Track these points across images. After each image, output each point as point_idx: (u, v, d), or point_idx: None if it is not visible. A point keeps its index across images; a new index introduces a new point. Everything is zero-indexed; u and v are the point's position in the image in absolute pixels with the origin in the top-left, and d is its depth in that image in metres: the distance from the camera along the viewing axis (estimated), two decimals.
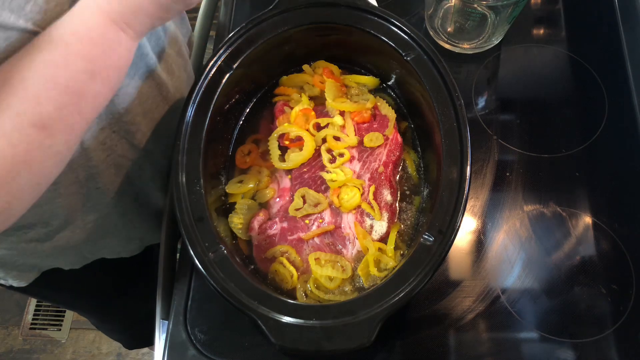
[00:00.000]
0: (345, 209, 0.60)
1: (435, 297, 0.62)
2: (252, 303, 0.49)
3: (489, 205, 0.67)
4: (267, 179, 0.63)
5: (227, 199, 0.63)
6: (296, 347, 0.47)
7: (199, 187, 0.54)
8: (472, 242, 0.65)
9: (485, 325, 0.61)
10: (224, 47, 0.59)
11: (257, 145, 0.66)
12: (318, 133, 0.63)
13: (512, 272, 0.63)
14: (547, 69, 0.76)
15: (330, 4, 0.61)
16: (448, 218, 0.51)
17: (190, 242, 0.51)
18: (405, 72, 0.61)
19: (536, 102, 0.74)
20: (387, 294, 0.49)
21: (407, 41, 0.59)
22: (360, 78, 0.68)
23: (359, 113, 0.64)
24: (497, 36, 0.75)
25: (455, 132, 0.54)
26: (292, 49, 0.65)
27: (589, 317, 0.61)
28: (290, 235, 0.60)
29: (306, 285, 0.58)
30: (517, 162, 0.70)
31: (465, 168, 0.53)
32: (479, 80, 0.75)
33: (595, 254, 0.64)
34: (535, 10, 0.81)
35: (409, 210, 0.62)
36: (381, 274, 0.57)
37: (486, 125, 0.72)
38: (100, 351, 1.53)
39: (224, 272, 0.50)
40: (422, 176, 0.63)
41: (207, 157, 0.56)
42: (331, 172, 0.61)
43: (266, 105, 0.68)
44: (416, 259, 0.50)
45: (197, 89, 0.57)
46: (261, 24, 0.60)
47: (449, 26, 0.75)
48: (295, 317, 0.48)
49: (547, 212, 0.67)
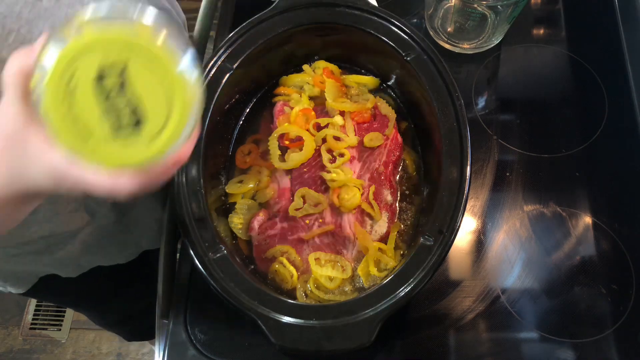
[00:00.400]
0: (345, 209, 0.59)
1: (435, 297, 0.62)
2: (252, 303, 0.49)
3: (489, 205, 0.67)
4: (267, 179, 0.63)
5: (227, 199, 0.63)
6: (296, 347, 0.47)
7: (199, 187, 0.54)
8: (472, 242, 0.65)
9: (485, 325, 0.61)
10: (224, 47, 0.59)
11: (257, 145, 0.66)
12: (318, 133, 0.63)
13: (512, 272, 0.63)
14: (547, 69, 0.76)
15: (330, 4, 0.61)
16: (448, 218, 0.51)
17: (190, 242, 0.51)
18: (405, 72, 0.61)
19: (536, 102, 0.74)
20: (387, 294, 0.49)
21: (407, 41, 0.59)
22: (360, 78, 0.68)
23: (359, 113, 0.64)
24: (497, 36, 0.75)
25: (455, 132, 0.54)
26: (292, 49, 0.65)
27: (589, 317, 0.61)
28: (290, 235, 0.60)
29: (306, 285, 0.58)
30: (517, 162, 0.70)
31: (465, 168, 0.53)
32: (479, 80, 0.75)
33: (595, 254, 0.64)
34: (535, 10, 0.81)
35: (409, 210, 0.62)
36: (381, 274, 0.57)
37: (486, 125, 0.72)
38: (100, 351, 1.53)
39: (224, 272, 0.50)
40: (422, 176, 0.63)
41: (207, 157, 0.57)
42: (331, 172, 0.61)
43: (266, 105, 0.68)
44: (416, 259, 0.50)
45: None
46: (261, 24, 0.60)
47: (449, 26, 0.75)
48: (295, 317, 0.48)
49: (547, 212, 0.67)
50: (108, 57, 0.32)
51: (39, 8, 0.46)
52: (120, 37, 0.32)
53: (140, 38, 0.32)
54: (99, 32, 0.32)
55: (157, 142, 0.34)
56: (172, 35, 0.33)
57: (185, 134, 0.34)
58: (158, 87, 0.33)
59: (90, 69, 0.32)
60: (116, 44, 0.32)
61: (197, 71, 0.35)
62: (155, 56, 0.32)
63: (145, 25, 0.32)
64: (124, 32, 0.32)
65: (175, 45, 0.33)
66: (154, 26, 0.33)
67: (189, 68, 0.34)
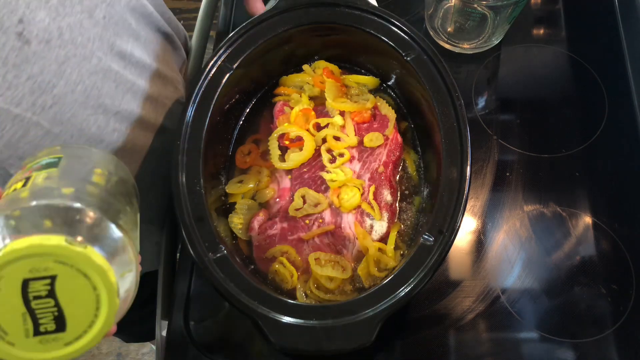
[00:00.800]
0: (345, 209, 0.59)
1: (435, 297, 0.62)
2: (252, 303, 0.49)
3: (489, 205, 0.67)
4: (267, 179, 0.63)
5: (227, 199, 0.63)
6: (296, 347, 0.47)
7: (199, 187, 0.54)
8: (472, 242, 0.65)
9: (485, 325, 0.61)
10: (224, 47, 0.59)
11: (257, 145, 0.66)
12: (318, 133, 0.63)
13: (512, 272, 0.64)
14: (547, 69, 0.76)
15: (330, 4, 0.61)
16: (448, 218, 0.51)
17: (190, 242, 0.51)
18: (405, 72, 0.61)
19: (536, 102, 0.74)
20: (387, 294, 0.49)
21: (407, 41, 0.59)
22: (360, 78, 0.68)
23: (359, 113, 0.64)
24: (497, 36, 0.75)
25: (455, 132, 0.54)
26: (292, 49, 0.65)
27: (589, 317, 0.61)
28: (290, 235, 0.60)
29: (306, 285, 0.58)
30: (517, 162, 0.70)
31: (465, 168, 0.53)
32: (479, 80, 0.75)
33: (595, 254, 0.64)
34: (535, 10, 0.81)
35: (409, 210, 0.62)
36: (381, 274, 0.57)
37: (486, 125, 0.72)
38: (100, 351, 1.53)
39: (224, 272, 0.50)
40: (422, 176, 0.63)
41: (207, 157, 0.56)
42: (331, 172, 0.61)
43: (266, 105, 0.68)
44: (416, 259, 0.50)
45: (197, 89, 0.57)
46: (261, 24, 0.60)
47: (449, 26, 0.75)
48: (295, 317, 0.48)
49: (547, 212, 0.67)
50: (37, 266, 0.32)
51: (26, 52, 0.44)
52: (53, 249, 0.32)
53: (71, 252, 0.33)
54: (32, 242, 0.32)
55: (75, 345, 0.34)
56: (108, 245, 0.35)
57: (105, 334, 0.35)
58: (86, 297, 0.34)
59: (17, 274, 0.32)
60: (48, 255, 0.32)
61: (130, 280, 0.37)
62: (84, 268, 0.33)
63: (79, 241, 0.33)
64: (57, 244, 0.32)
65: (111, 255, 0.35)
66: (88, 236, 0.34)
67: (121, 280, 0.35)
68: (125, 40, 0.56)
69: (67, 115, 0.50)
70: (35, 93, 0.46)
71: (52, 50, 0.46)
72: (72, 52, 0.48)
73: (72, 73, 0.49)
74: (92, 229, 0.35)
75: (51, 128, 0.49)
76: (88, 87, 0.51)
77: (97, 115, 0.53)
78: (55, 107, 0.48)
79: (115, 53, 0.55)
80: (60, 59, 0.47)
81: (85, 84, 0.51)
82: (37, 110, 0.47)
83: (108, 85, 0.54)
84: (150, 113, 0.62)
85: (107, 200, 0.38)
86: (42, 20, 0.45)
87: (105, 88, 0.53)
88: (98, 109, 0.53)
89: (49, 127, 0.49)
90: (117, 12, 0.55)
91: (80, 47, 0.49)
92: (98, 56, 0.52)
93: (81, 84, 0.50)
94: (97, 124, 0.54)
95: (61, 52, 0.47)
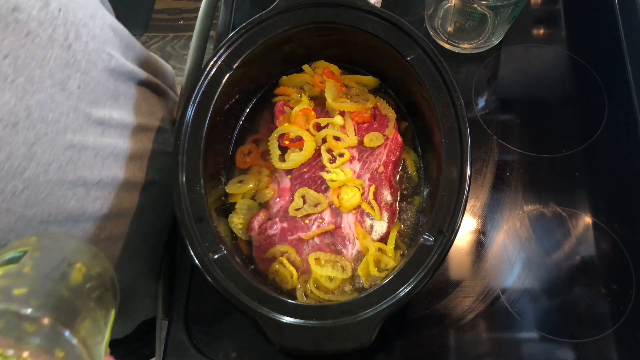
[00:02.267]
0: (345, 209, 0.59)
1: (435, 297, 0.62)
2: (252, 303, 0.49)
3: (489, 205, 0.67)
4: (267, 179, 0.63)
5: (227, 199, 0.63)
6: (296, 347, 0.47)
7: (199, 187, 0.54)
8: (472, 242, 0.65)
9: (485, 325, 0.61)
10: (224, 47, 0.59)
11: (257, 145, 0.66)
12: (318, 133, 0.63)
13: (512, 272, 0.64)
14: (547, 69, 0.76)
15: (331, 4, 0.61)
16: (448, 218, 0.51)
17: (190, 242, 0.51)
18: (405, 72, 0.61)
19: (536, 102, 0.74)
20: (387, 294, 0.49)
21: (407, 41, 0.59)
22: (360, 78, 0.68)
23: (359, 113, 0.64)
24: (497, 36, 0.75)
25: (455, 132, 0.54)
26: (292, 49, 0.65)
27: (589, 317, 0.61)
28: (290, 235, 0.60)
29: (306, 285, 0.58)
30: (517, 162, 0.70)
31: (465, 168, 0.53)
32: (479, 80, 0.75)
33: (595, 254, 0.64)
34: (535, 10, 0.81)
35: (409, 210, 0.62)
36: (381, 274, 0.57)
37: (486, 125, 0.72)
38: None
39: (224, 272, 0.50)
40: (422, 176, 0.63)
41: (207, 157, 0.56)
42: (331, 172, 0.61)
43: (266, 105, 0.68)
44: (416, 259, 0.50)
45: (197, 89, 0.57)
46: (261, 24, 0.60)
47: (449, 26, 0.75)
48: (295, 317, 0.48)
49: (547, 212, 0.67)
50: None
51: None
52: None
53: None
54: None
55: None
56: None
57: None
58: None
59: None
60: None
61: None
62: None
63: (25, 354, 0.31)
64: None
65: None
66: (39, 342, 0.31)
67: None
68: (102, 105, 0.52)
69: (42, 196, 0.45)
70: (4, 180, 0.41)
71: (19, 133, 0.41)
72: (42, 131, 0.44)
73: (44, 153, 0.44)
74: (42, 335, 0.32)
75: (24, 212, 0.44)
76: (63, 164, 0.46)
77: (75, 189, 0.49)
78: (27, 190, 0.44)
79: (92, 122, 0.50)
80: (29, 140, 0.42)
81: (59, 161, 0.46)
82: (7, 197, 0.42)
83: (85, 156, 0.49)
84: (135, 172, 0.58)
85: (68, 301, 0.35)
86: (7, 103, 0.40)
87: (83, 159, 0.49)
88: (76, 182, 0.49)
89: (21, 211, 0.44)
90: (94, 78, 0.50)
91: (52, 124, 0.45)
92: (73, 129, 0.47)
93: (54, 162, 0.46)
94: (76, 197, 0.49)
95: (30, 133, 0.42)
